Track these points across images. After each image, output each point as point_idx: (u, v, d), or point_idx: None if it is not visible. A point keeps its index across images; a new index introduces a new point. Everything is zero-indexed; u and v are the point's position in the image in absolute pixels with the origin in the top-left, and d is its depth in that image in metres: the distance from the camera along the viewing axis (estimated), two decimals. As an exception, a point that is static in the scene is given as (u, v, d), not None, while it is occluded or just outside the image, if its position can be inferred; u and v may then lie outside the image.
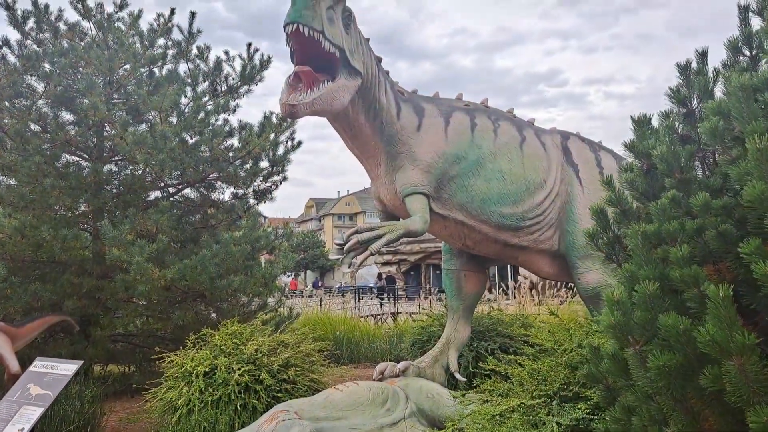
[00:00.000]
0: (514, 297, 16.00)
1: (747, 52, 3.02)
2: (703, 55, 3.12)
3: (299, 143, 9.47)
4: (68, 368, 4.23)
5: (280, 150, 9.25)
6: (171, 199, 8.95)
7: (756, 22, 2.99)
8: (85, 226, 8.74)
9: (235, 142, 9.07)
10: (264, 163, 9.17)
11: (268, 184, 9.50)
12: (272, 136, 9.04)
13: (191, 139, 8.52)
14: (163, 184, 8.86)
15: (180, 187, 9.02)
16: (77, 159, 8.61)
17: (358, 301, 20.04)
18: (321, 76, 4.47)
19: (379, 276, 36.99)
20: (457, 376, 5.96)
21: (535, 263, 5.89)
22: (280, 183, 9.58)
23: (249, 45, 9.30)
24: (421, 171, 5.20)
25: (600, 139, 6.86)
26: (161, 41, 9.13)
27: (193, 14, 8.96)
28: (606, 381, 2.61)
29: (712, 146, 2.23)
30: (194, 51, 9.17)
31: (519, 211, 5.48)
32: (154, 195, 9.03)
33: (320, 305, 17.55)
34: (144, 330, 8.78)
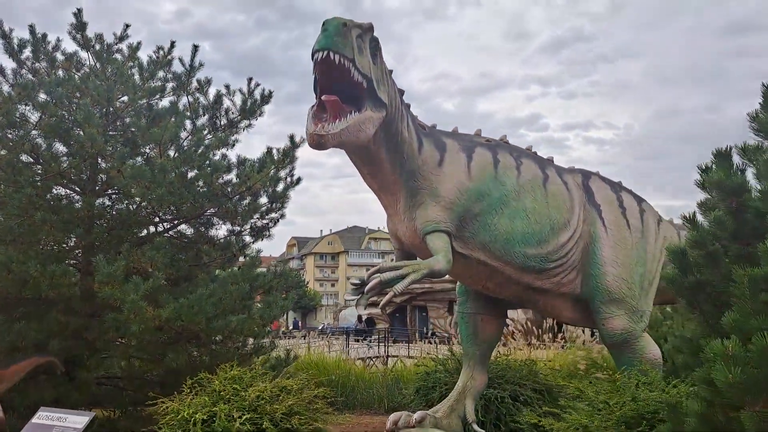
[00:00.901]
0: (504, 343, 15.59)
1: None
2: (768, 89, 2.95)
3: (299, 180, 9.23)
4: (78, 421, 3.77)
5: (280, 186, 8.99)
6: (165, 235, 8.61)
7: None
8: (74, 261, 8.33)
9: (233, 177, 8.81)
10: (263, 200, 8.90)
11: (265, 221, 9.21)
12: (272, 171, 8.78)
13: (189, 173, 8.24)
14: (158, 219, 8.53)
15: (175, 222, 8.69)
16: (69, 192, 8.27)
17: (348, 344, 19.53)
18: (346, 107, 4.27)
19: (359, 318, 36.21)
20: (475, 427, 5.62)
21: (556, 307, 5.64)
22: (278, 220, 9.32)
23: (250, 79, 9.12)
24: (442, 208, 4.96)
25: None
26: (161, 74, 8.93)
27: (195, 47, 8.80)
28: (689, 443, 2.34)
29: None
30: (194, 84, 8.98)
31: (543, 252, 5.24)
32: (146, 231, 8.69)
33: (308, 348, 17.01)
34: (130, 372, 8.33)
